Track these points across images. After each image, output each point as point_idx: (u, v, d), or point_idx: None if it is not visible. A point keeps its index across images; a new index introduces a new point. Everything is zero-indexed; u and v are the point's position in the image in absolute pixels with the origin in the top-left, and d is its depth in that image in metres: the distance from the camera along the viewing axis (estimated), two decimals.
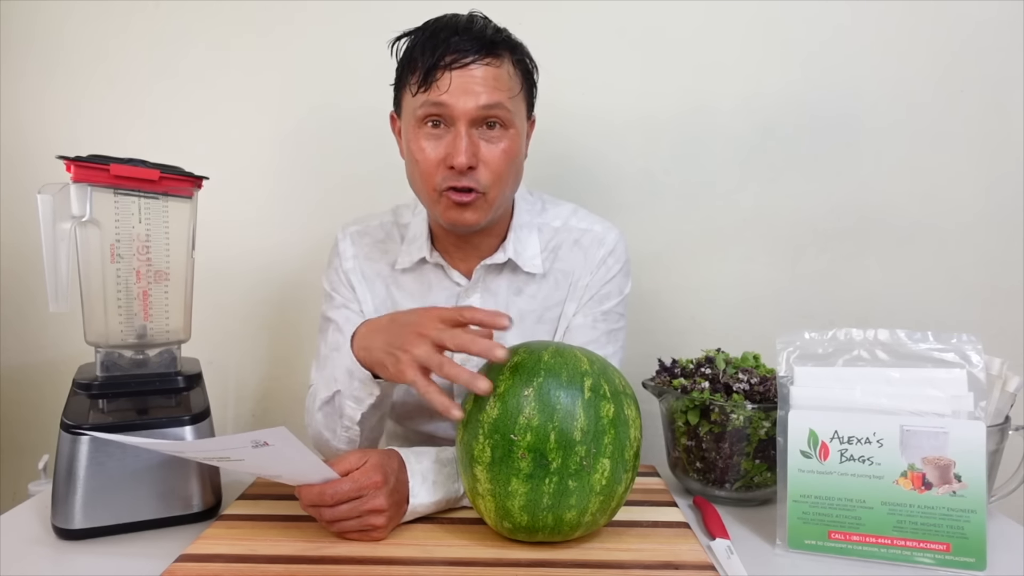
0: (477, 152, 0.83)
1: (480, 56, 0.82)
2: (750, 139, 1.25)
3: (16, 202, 1.31)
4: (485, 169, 0.83)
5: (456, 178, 0.83)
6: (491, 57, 0.82)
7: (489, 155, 0.83)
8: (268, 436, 0.63)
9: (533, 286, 0.95)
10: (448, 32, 0.82)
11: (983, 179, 1.23)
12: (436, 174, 0.83)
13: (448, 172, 0.83)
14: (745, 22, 1.23)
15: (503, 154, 0.84)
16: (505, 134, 0.84)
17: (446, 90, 0.80)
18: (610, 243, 0.96)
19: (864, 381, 0.75)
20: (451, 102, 0.81)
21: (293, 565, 0.67)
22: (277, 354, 1.34)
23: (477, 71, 0.81)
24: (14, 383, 1.34)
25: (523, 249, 0.94)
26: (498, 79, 0.83)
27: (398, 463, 0.76)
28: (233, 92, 1.29)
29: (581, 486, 0.67)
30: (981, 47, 1.21)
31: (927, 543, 0.70)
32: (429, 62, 0.81)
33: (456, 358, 0.93)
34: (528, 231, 0.95)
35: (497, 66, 0.83)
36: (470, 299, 0.94)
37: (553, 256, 0.96)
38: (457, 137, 0.82)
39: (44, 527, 0.77)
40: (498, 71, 0.83)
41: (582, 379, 0.69)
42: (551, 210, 0.99)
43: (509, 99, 0.84)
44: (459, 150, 0.81)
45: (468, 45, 0.81)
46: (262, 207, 1.31)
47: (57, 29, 1.28)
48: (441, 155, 0.83)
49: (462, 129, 0.81)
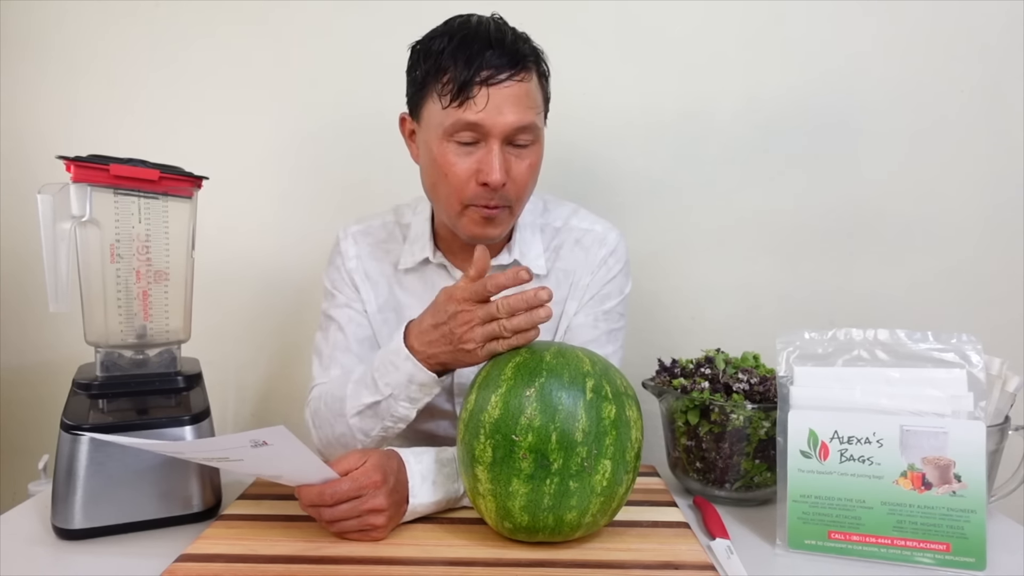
0: (509, 170, 0.83)
1: (514, 72, 0.81)
2: (750, 139, 1.25)
3: (16, 202, 1.31)
4: (513, 185, 0.84)
5: (488, 196, 0.83)
6: (523, 72, 0.83)
7: (517, 171, 0.84)
8: (267, 435, 0.63)
9: (536, 285, 0.95)
10: (482, 44, 0.81)
11: (983, 179, 1.23)
12: (466, 189, 0.83)
13: (479, 189, 0.83)
14: (745, 22, 1.23)
15: (529, 169, 0.85)
16: (532, 150, 0.85)
17: (482, 108, 0.80)
18: (611, 243, 0.96)
19: (864, 381, 0.75)
20: (487, 123, 0.80)
21: (293, 565, 0.67)
22: (277, 354, 1.34)
23: (510, 89, 0.81)
24: (14, 383, 1.34)
25: (527, 250, 0.95)
26: (529, 96, 0.83)
27: (397, 463, 0.76)
28: (233, 92, 1.29)
29: (582, 487, 0.67)
30: (981, 47, 1.21)
31: (927, 543, 0.70)
32: (463, 76, 0.79)
33: None
34: (532, 232, 0.96)
35: (528, 81, 0.83)
36: None
37: (555, 256, 0.96)
38: (490, 154, 0.81)
39: (44, 527, 0.77)
40: (528, 87, 0.83)
41: (584, 380, 0.69)
42: (553, 211, 0.99)
43: (537, 115, 0.85)
44: (493, 168, 0.81)
45: (502, 60, 0.81)
46: (262, 207, 1.31)
47: (56, 28, 1.28)
48: (472, 170, 0.83)
49: (495, 147, 0.81)
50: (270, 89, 1.29)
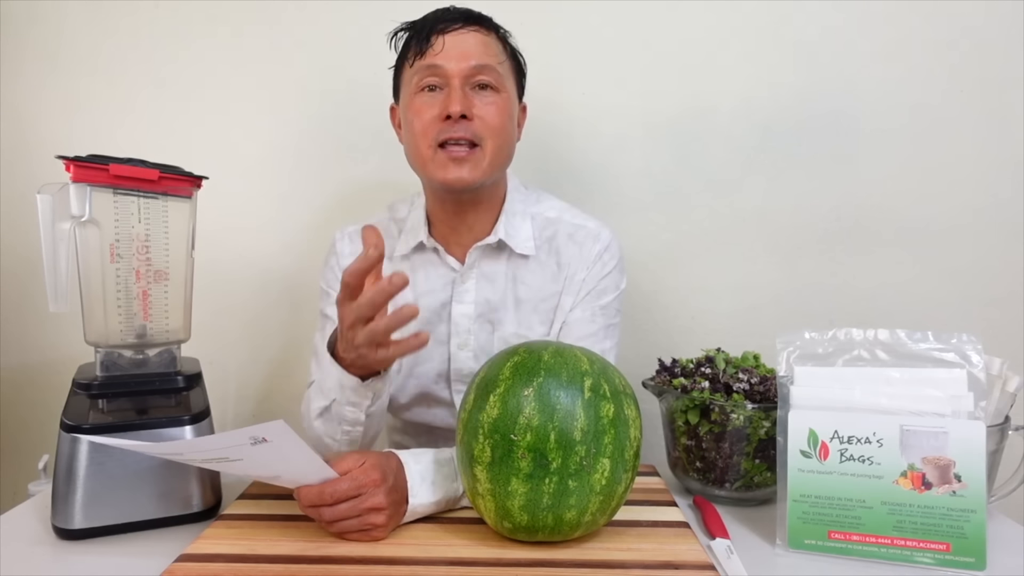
0: (471, 105, 0.87)
1: (468, 23, 0.89)
2: (750, 139, 1.25)
3: (15, 202, 1.31)
4: (480, 121, 0.88)
5: (451, 128, 0.86)
6: (479, 26, 0.90)
7: (483, 109, 0.88)
8: (266, 431, 0.63)
9: (529, 274, 0.97)
10: (440, 11, 0.91)
11: (983, 179, 1.23)
12: (432, 130, 0.87)
13: (443, 125, 0.87)
14: (745, 22, 1.23)
15: (496, 108, 0.89)
16: (497, 96, 0.90)
17: (440, 51, 0.87)
18: (605, 239, 0.98)
19: (864, 381, 0.75)
20: (445, 63, 0.87)
21: (293, 565, 0.67)
22: (277, 354, 1.34)
23: (467, 35, 0.89)
24: (14, 383, 1.34)
25: (515, 232, 0.96)
26: (487, 45, 0.90)
27: (396, 463, 0.76)
28: (233, 92, 1.29)
29: (581, 486, 0.67)
30: (981, 47, 1.21)
31: (927, 543, 0.70)
32: (423, 30, 0.89)
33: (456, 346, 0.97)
34: (521, 219, 0.98)
35: (485, 35, 0.90)
36: (465, 284, 0.96)
37: (548, 245, 0.98)
38: (451, 90, 0.87)
39: (44, 527, 0.77)
40: (486, 39, 0.90)
41: (582, 379, 0.69)
42: (545, 202, 1.01)
43: (498, 64, 0.90)
44: (454, 100, 0.86)
45: (457, 15, 0.90)
46: (262, 207, 1.31)
47: (57, 28, 1.28)
48: (436, 112, 0.87)
49: (456, 83, 0.87)
50: (270, 89, 1.29)
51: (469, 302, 0.96)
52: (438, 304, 0.97)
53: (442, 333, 0.98)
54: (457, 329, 0.97)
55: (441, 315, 0.97)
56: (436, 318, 0.97)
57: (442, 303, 0.97)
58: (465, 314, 0.96)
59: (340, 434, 0.84)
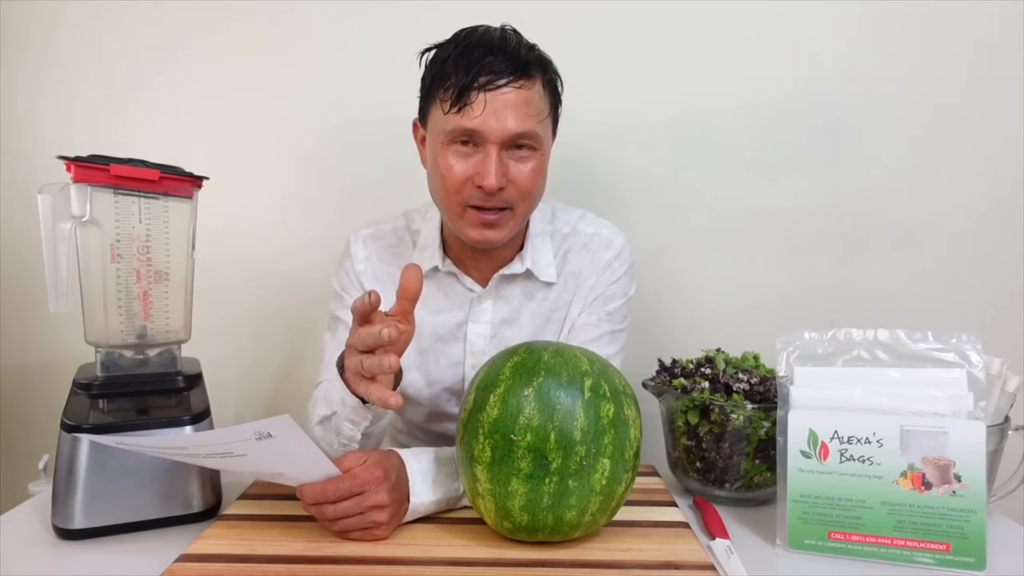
0: (507, 173, 0.83)
1: (514, 78, 0.81)
2: (750, 139, 1.25)
3: (16, 202, 1.31)
4: (513, 188, 0.84)
5: (483, 198, 0.83)
6: (524, 79, 0.82)
7: (518, 174, 0.84)
8: (271, 426, 0.63)
9: (545, 291, 0.96)
10: (482, 51, 0.81)
11: (983, 179, 1.23)
12: (463, 190, 0.84)
13: (475, 191, 0.83)
14: (746, 22, 1.23)
15: (531, 173, 0.85)
16: (533, 155, 0.85)
17: (479, 114, 0.80)
18: (617, 246, 0.98)
19: (864, 381, 0.75)
20: (483, 129, 0.81)
21: (293, 565, 0.67)
22: (278, 354, 1.34)
23: (509, 94, 0.81)
24: (14, 383, 1.34)
25: (539, 259, 0.95)
26: (529, 103, 0.83)
27: (398, 461, 0.76)
28: (234, 92, 1.29)
29: (581, 486, 0.67)
30: (981, 47, 1.21)
31: (927, 543, 0.70)
32: (463, 81, 0.80)
33: (471, 367, 0.96)
34: (542, 239, 0.97)
35: (529, 88, 0.83)
36: (482, 305, 0.95)
37: (563, 261, 0.97)
38: (487, 159, 0.82)
39: (44, 527, 0.77)
40: (529, 93, 0.83)
41: (582, 379, 0.69)
42: (561, 217, 1.00)
43: (538, 123, 0.84)
44: (489, 171, 0.81)
45: (502, 66, 0.81)
46: (263, 207, 1.31)
47: (56, 29, 1.28)
48: (469, 173, 0.83)
49: (492, 152, 0.82)
50: (271, 89, 1.29)
51: (485, 322, 0.95)
52: (453, 324, 0.96)
53: (457, 353, 0.96)
54: (472, 349, 0.96)
55: (456, 335, 0.96)
56: (451, 337, 0.96)
57: (458, 323, 0.96)
58: (480, 334, 0.95)
59: (337, 444, 0.83)
